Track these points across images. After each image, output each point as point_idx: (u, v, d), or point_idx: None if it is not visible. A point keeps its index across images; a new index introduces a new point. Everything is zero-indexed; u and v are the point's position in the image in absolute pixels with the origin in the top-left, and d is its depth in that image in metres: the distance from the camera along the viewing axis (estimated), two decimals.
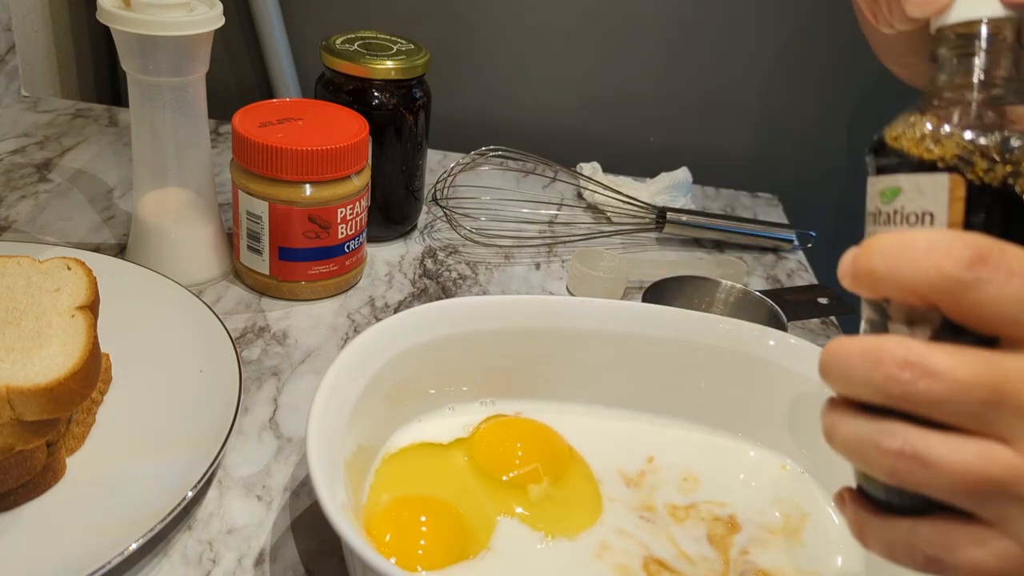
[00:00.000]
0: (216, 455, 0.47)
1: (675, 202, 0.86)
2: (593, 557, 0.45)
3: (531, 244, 0.79)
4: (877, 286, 0.29)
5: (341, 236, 0.65)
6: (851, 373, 0.29)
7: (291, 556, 0.46)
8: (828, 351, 0.30)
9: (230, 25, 0.69)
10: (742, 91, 0.99)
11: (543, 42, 0.98)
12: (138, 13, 0.57)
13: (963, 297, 0.27)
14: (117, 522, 0.44)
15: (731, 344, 0.52)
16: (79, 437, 0.49)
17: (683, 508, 0.48)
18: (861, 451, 0.29)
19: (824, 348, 0.30)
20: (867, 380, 0.28)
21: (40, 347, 0.46)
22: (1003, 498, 0.27)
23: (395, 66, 0.69)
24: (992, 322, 0.27)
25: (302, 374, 0.60)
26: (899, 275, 0.28)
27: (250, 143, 0.61)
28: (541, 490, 0.48)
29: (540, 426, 0.52)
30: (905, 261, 0.28)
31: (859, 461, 0.30)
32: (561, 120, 1.01)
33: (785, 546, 0.47)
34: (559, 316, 0.52)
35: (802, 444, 0.51)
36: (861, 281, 0.29)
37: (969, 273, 0.27)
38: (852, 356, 0.29)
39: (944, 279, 0.27)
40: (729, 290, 0.67)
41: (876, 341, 0.28)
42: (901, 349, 0.28)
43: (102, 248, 0.69)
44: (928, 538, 0.29)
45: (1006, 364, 0.27)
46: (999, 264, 0.27)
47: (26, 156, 0.83)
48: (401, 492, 0.46)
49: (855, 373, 0.29)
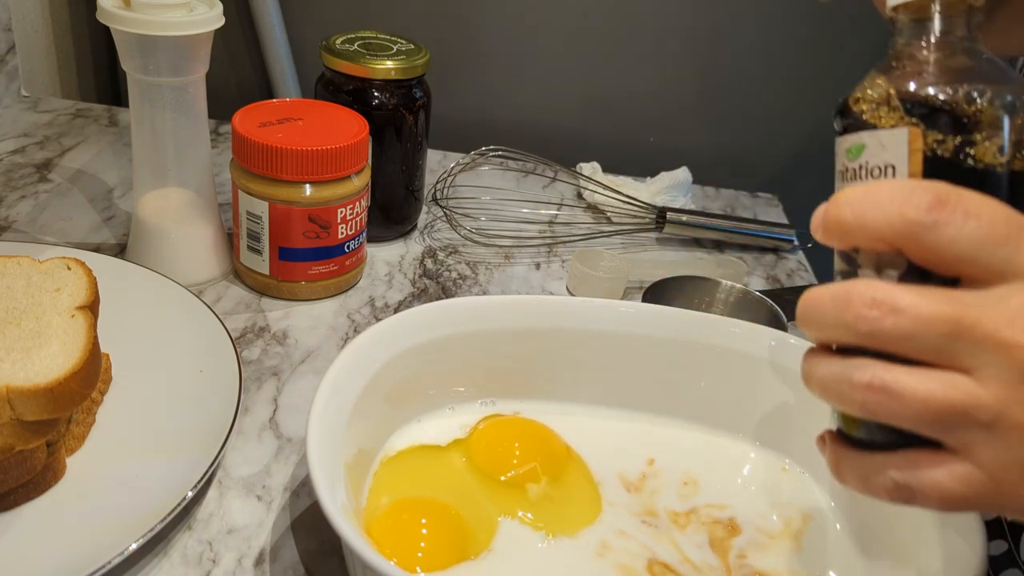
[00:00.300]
0: (216, 455, 0.47)
1: (675, 202, 0.86)
2: (595, 556, 0.45)
3: (531, 244, 0.79)
4: (846, 235, 0.31)
5: (341, 236, 0.65)
6: (824, 316, 0.31)
7: (291, 556, 0.46)
8: (803, 299, 0.32)
9: (230, 25, 0.68)
10: (742, 91, 0.99)
11: (543, 42, 0.98)
12: (138, 13, 0.57)
13: (924, 239, 0.29)
14: (117, 522, 0.44)
15: (731, 344, 0.52)
16: (79, 437, 0.49)
17: (684, 514, 0.48)
18: (835, 388, 0.31)
19: (800, 298, 0.32)
20: (838, 321, 0.30)
21: (40, 347, 0.46)
22: (966, 425, 0.29)
23: (395, 66, 0.69)
24: (951, 262, 0.29)
25: (302, 374, 0.60)
26: (865, 223, 0.30)
27: (250, 143, 0.61)
28: (540, 489, 0.48)
29: (537, 425, 0.52)
30: (870, 210, 0.30)
31: (833, 398, 0.32)
32: (561, 120, 1.01)
33: (785, 549, 0.47)
34: (559, 316, 0.52)
35: (802, 444, 0.51)
36: (831, 232, 0.32)
37: (928, 216, 0.29)
38: (824, 301, 0.31)
39: (906, 223, 0.29)
40: (729, 290, 0.67)
41: (846, 285, 0.30)
42: (869, 290, 0.30)
43: (102, 248, 0.69)
44: (898, 466, 0.31)
45: (965, 300, 0.29)
46: (956, 207, 0.29)
47: (26, 156, 0.83)
48: (400, 495, 0.46)
49: (827, 316, 0.31)
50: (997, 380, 0.29)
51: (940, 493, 0.30)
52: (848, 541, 0.47)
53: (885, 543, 0.45)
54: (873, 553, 0.46)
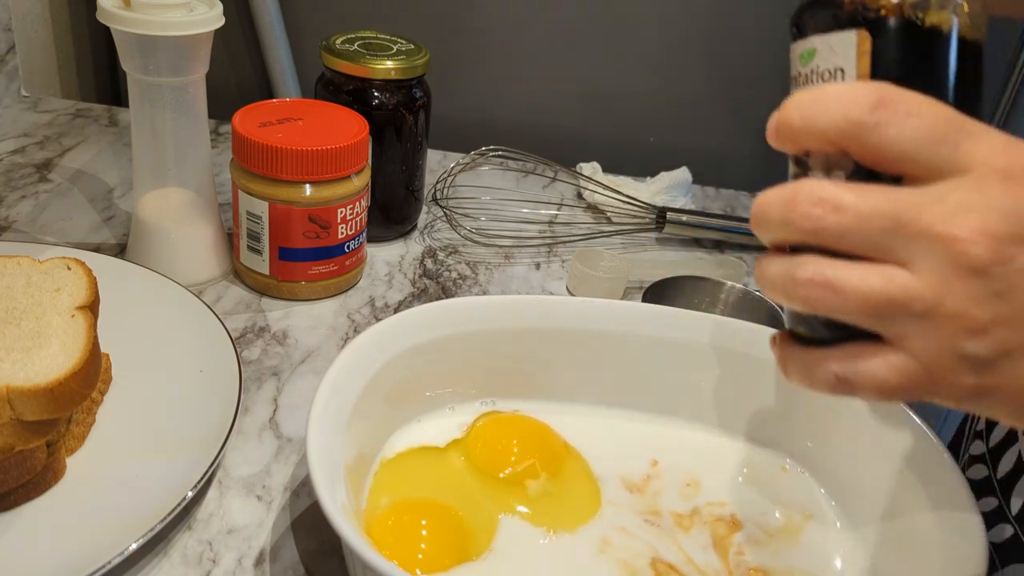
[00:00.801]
0: (216, 455, 0.47)
1: (675, 202, 0.86)
2: (596, 552, 0.45)
3: (531, 244, 0.79)
4: (796, 138, 0.32)
5: (341, 236, 0.65)
6: (772, 216, 0.32)
7: (291, 556, 0.46)
8: (755, 203, 0.33)
9: (230, 25, 0.68)
10: (742, 91, 0.99)
11: (543, 42, 0.98)
12: (138, 13, 0.57)
13: (868, 139, 0.30)
14: (117, 522, 0.44)
15: (731, 344, 0.52)
16: (79, 437, 0.49)
17: (688, 516, 0.48)
18: (781, 285, 0.32)
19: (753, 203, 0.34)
20: (785, 219, 0.31)
21: (40, 347, 0.46)
22: (902, 316, 0.31)
23: (395, 66, 0.69)
24: (894, 160, 0.31)
25: (302, 374, 0.60)
26: (813, 124, 0.31)
27: (250, 143, 0.61)
28: (539, 485, 0.48)
29: (533, 422, 0.52)
30: (818, 112, 0.31)
31: (780, 295, 0.33)
32: (561, 120, 1.01)
33: (785, 548, 0.47)
34: (559, 316, 0.52)
35: (802, 444, 0.51)
36: (783, 135, 0.33)
37: (871, 116, 0.30)
38: (773, 202, 0.32)
39: (850, 123, 0.30)
40: (729, 290, 0.67)
41: (793, 185, 0.32)
42: (815, 189, 0.31)
43: (102, 248, 0.69)
44: (838, 359, 0.33)
45: (905, 197, 0.30)
46: (898, 107, 0.30)
47: (26, 156, 0.83)
48: (400, 496, 0.46)
49: (775, 216, 0.32)
50: (932, 272, 0.30)
51: (877, 383, 0.32)
52: (848, 540, 0.47)
53: (885, 541, 0.45)
54: (874, 551, 0.46)
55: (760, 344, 0.52)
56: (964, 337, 0.30)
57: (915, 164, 0.30)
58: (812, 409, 0.51)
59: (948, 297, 0.30)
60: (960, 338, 0.30)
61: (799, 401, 0.51)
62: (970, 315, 0.30)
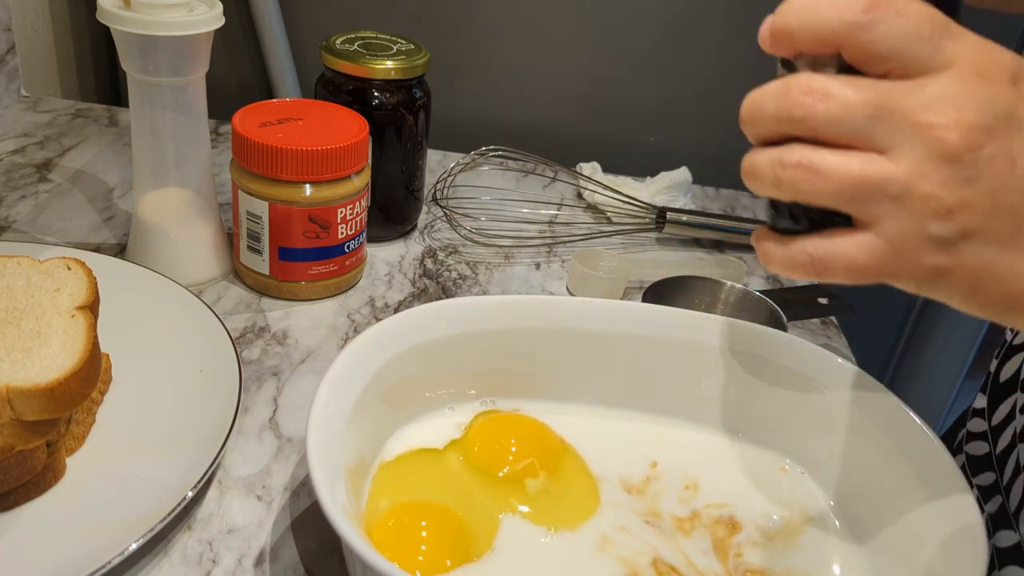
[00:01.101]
0: (216, 455, 0.47)
1: (675, 202, 0.86)
2: (597, 550, 0.45)
3: (531, 244, 0.79)
4: (791, 39, 0.34)
5: (341, 236, 0.65)
6: (764, 110, 0.34)
7: (291, 556, 0.46)
8: (746, 100, 0.35)
9: (230, 25, 0.68)
10: (742, 91, 0.99)
11: (543, 42, 0.98)
12: (138, 13, 0.57)
13: (859, 38, 0.33)
14: (117, 522, 0.44)
15: (731, 344, 0.52)
16: (79, 437, 0.49)
17: (688, 519, 0.48)
18: (768, 172, 0.34)
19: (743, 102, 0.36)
20: (777, 110, 0.34)
21: (40, 347, 0.46)
22: (877, 198, 0.33)
23: (395, 66, 0.69)
24: (882, 57, 0.33)
25: (302, 374, 0.60)
26: (808, 26, 0.33)
27: (250, 143, 0.61)
28: (538, 483, 0.48)
29: (529, 420, 0.52)
30: (813, 15, 0.33)
31: (768, 181, 0.35)
32: (561, 120, 1.01)
33: (784, 549, 0.47)
34: (559, 316, 0.52)
35: (802, 444, 0.51)
36: (778, 38, 0.35)
37: (863, 16, 0.32)
38: (766, 97, 0.34)
39: (844, 24, 0.33)
40: (729, 290, 0.67)
41: (786, 79, 0.34)
42: (807, 80, 0.33)
43: (102, 248, 0.69)
44: (814, 243, 0.35)
45: (889, 88, 0.33)
46: (888, 7, 0.32)
47: (26, 156, 0.83)
48: (399, 498, 0.46)
49: (767, 109, 0.34)
50: (908, 157, 0.32)
51: (847, 262, 0.34)
52: (847, 540, 0.47)
53: (885, 542, 0.45)
54: (873, 552, 0.46)
55: (760, 344, 0.52)
56: (931, 218, 0.33)
57: (901, 60, 0.33)
58: (812, 410, 0.51)
59: (921, 180, 0.32)
60: (927, 219, 0.33)
61: (799, 402, 0.51)
62: (938, 197, 0.32)
